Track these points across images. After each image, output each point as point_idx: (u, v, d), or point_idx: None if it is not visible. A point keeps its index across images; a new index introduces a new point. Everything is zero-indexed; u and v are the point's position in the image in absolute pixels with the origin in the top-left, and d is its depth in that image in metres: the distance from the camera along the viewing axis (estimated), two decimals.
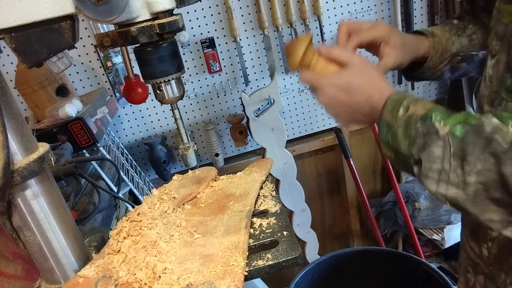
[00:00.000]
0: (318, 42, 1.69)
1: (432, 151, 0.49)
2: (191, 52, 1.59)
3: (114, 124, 1.61)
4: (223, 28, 1.58)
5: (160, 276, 0.55)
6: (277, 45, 1.65)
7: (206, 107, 1.69)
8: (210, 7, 1.54)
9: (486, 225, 0.48)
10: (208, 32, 1.57)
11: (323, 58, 0.66)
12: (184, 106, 1.66)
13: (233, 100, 1.71)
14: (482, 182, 0.46)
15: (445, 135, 0.48)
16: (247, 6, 1.58)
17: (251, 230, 0.66)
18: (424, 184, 0.51)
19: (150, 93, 1.27)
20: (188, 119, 1.69)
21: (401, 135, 0.53)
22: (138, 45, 0.58)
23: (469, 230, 0.69)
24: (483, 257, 0.65)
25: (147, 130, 1.66)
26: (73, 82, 1.48)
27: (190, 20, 1.54)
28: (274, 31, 1.62)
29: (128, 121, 1.62)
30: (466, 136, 0.47)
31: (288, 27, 1.63)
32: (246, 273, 0.54)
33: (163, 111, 1.64)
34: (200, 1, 0.65)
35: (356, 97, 0.59)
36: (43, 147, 0.53)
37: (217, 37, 1.58)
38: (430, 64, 0.74)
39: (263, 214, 0.71)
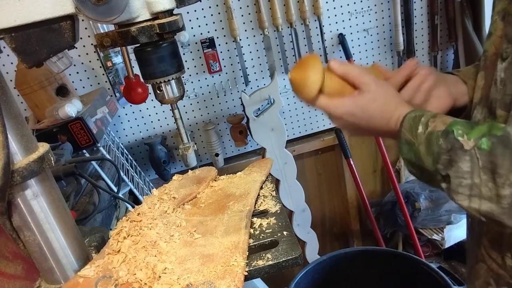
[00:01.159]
0: (318, 42, 1.69)
1: (460, 166, 0.49)
2: (191, 52, 1.59)
3: (114, 124, 1.61)
4: (223, 28, 1.58)
5: (160, 276, 0.55)
6: (277, 45, 1.65)
7: (206, 107, 1.69)
8: (210, 7, 1.54)
9: (510, 233, 0.48)
10: (208, 32, 1.57)
11: (335, 77, 0.63)
12: (184, 106, 1.66)
13: (233, 100, 1.71)
14: None
15: (471, 149, 0.48)
16: (247, 6, 1.58)
17: (251, 230, 0.66)
18: (455, 200, 0.51)
19: (150, 93, 1.27)
20: (188, 119, 1.69)
21: (423, 153, 0.53)
22: (138, 45, 0.58)
23: (489, 239, 0.65)
24: (507, 267, 0.61)
25: (147, 130, 1.66)
26: (73, 82, 1.48)
27: (190, 20, 1.54)
28: (274, 31, 1.62)
29: (128, 121, 1.62)
30: (494, 148, 0.46)
31: (288, 27, 1.63)
32: (246, 273, 0.54)
33: (163, 111, 1.64)
34: (200, 1, 0.64)
35: (375, 122, 0.60)
36: (43, 147, 0.53)
37: (217, 37, 1.58)
38: (468, 112, 0.69)
39: (263, 214, 0.71)
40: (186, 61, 1.59)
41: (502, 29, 0.57)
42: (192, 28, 1.55)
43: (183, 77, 0.65)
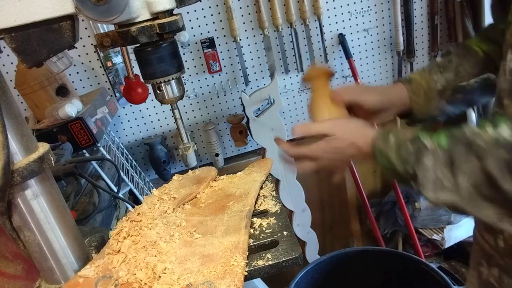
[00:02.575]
0: (318, 42, 1.69)
1: (424, 163, 0.55)
2: (191, 52, 1.59)
3: (114, 124, 1.61)
4: (223, 28, 1.58)
5: (160, 276, 0.54)
6: (277, 45, 1.65)
7: (206, 107, 1.69)
8: (210, 7, 1.54)
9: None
10: (208, 32, 1.57)
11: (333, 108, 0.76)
12: (184, 106, 1.66)
13: (233, 100, 1.71)
14: (472, 184, 0.51)
15: (432, 146, 0.55)
16: (247, 6, 1.58)
17: (251, 230, 0.66)
18: (423, 194, 0.57)
19: (150, 93, 1.27)
20: (188, 119, 1.69)
21: (394, 158, 0.59)
22: (138, 45, 0.58)
23: (482, 222, 0.69)
24: (499, 248, 0.65)
25: (147, 130, 1.65)
26: (73, 82, 1.48)
27: (190, 20, 1.54)
28: (274, 31, 1.62)
29: (128, 121, 1.62)
30: (450, 144, 0.53)
31: (288, 27, 1.63)
32: (246, 273, 0.54)
33: (163, 111, 1.64)
34: (200, 1, 0.64)
35: (348, 152, 0.67)
36: (43, 147, 0.53)
37: (217, 37, 1.58)
38: (418, 107, 0.77)
39: (263, 214, 0.71)
40: (186, 61, 1.59)
41: None
42: (192, 28, 1.55)
43: (183, 77, 0.65)
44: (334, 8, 1.68)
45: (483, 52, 0.74)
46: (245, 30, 1.61)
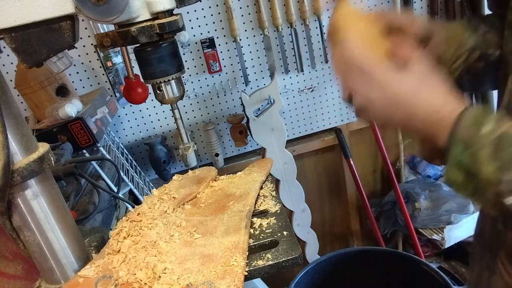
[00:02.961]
0: (318, 42, 1.69)
1: None
2: (191, 52, 1.59)
3: (114, 124, 1.61)
4: (223, 28, 1.58)
5: (160, 276, 0.55)
6: (277, 45, 1.65)
7: (206, 107, 1.69)
8: (210, 7, 1.54)
9: None
10: (208, 32, 1.57)
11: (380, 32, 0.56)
12: (184, 106, 1.66)
13: (233, 100, 1.71)
14: None
15: None
16: (247, 6, 1.58)
17: (251, 230, 0.66)
18: None
19: (150, 93, 1.27)
20: (188, 119, 1.69)
21: (485, 157, 0.43)
22: (138, 45, 0.58)
23: (508, 253, 0.61)
24: None
25: (147, 130, 1.65)
26: (73, 82, 1.48)
27: (190, 20, 1.54)
28: (274, 31, 1.62)
29: (128, 121, 1.62)
30: None
31: (288, 27, 1.63)
32: (246, 273, 0.54)
33: (163, 111, 1.64)
34: (200, 1, 0.64)
35: (419, 107, 0.48)
36: (43, 147, 0.53)
37: (217, 37, 1.58)
38: (445, 59, 0.64)
39: (263, 214, 0.71)
40: (186, 61, 1.59)
41: None
42: (192, 28, 1.55)
43: (183, 77, 0.65)
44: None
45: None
46: (245, 30, 1.61)
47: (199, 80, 1.64)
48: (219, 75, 1.65)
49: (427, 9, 1.77)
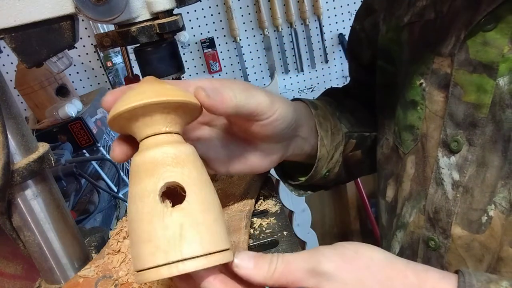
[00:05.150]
0: (318, 42, 1.69)
1: None
2: (191, 52, 1.59)
3: None
4: (223, 28, 1.58)
5: None
6: (277, 45, 1.65)
7: None
8: (210, 7, 1.54)
9: None
10: (208, 32, 1.57)
11: None
12: None
13: None
14: None
15: None
16: (247, 6, 1.58)
17: (251, 230, 0.66)
18: None
19: None
20: None
21: None
22: (138, 45, 0.58)
23: None
24: None
25: None
26: (73, 82, 1.48)
27: (190, 20, 1.54)
28: (274, 31, 1.62)
29: None
30: None
31: (288, 27, 1.63)
32: None
33: None
34: (200, 1, 0.64)
35: None
36: (43, 147, 0.53)
37: (217, 37, 1.59)
38: (324, 152, 0.51)
39: (263, 214, 0.71)
40: (186, 61, 1.59)
41: (443, 104, 0.42)
42: (192, 28, 1.55)
43: (183, 77, 0.65)
44: (334, 8, 1.68)
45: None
46: (245, 30, 1.61)
47: None
48: (219, 75, 1.65)
49: None
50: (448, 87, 0.41)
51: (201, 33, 1.57)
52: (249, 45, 1.64)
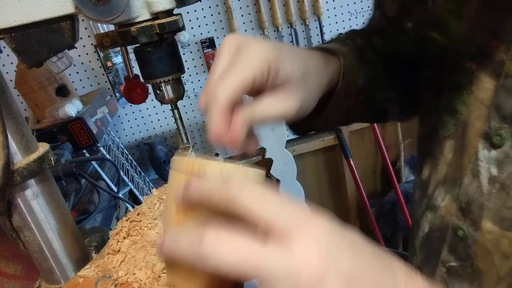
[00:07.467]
0: (318, 42, 1.69)
1: None
2: (191, 52, 1.59)
3: (114, 124, 1.61)
4: (223, 28, 1.58)
5: (160, 276, 0.54)
6: None
7: None
8: (210, 7, 1.54)
9: None
10: (208, 32, 1.57)
11: None
12: (184, 106, 1.66)
13: None
14: None
15: None
16: (247, 6, 1.58)
17: None
18: None
19: (150, 93, 1.27)
20: (188, 119, 1.69)
21: None
22: (138, 45, 0.58)
23: None
24: None
25: (147, 130, 1.65)
26: (73, 82, 1.48)
27: (190, 20, 1.54)
28: (274, 31, 1.62)
29: (128, 121, 1.62)
30: None
31: (288, 27, 1.63)
32: None
33: (163, 111, 1.64)
34: (200, 1, 0.64)
35: None
36: (43, 147, 0.53)
37: (217, 37, 1.59)
38: (336, 100, 0.49)
39: None
40: (186, 61, 1.59)
41: (491, 93, 0.39)
42: (192, 28, 1.55)
43: (183, 77, 0.65)
44: (334, 8, 1.68)
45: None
46: (245, 30, 1.61)
47: (199, 80, 1.64)
48: None
49: None
50: (500, 76, 0.38)
51: (201, 33, 1.57)
52: None
